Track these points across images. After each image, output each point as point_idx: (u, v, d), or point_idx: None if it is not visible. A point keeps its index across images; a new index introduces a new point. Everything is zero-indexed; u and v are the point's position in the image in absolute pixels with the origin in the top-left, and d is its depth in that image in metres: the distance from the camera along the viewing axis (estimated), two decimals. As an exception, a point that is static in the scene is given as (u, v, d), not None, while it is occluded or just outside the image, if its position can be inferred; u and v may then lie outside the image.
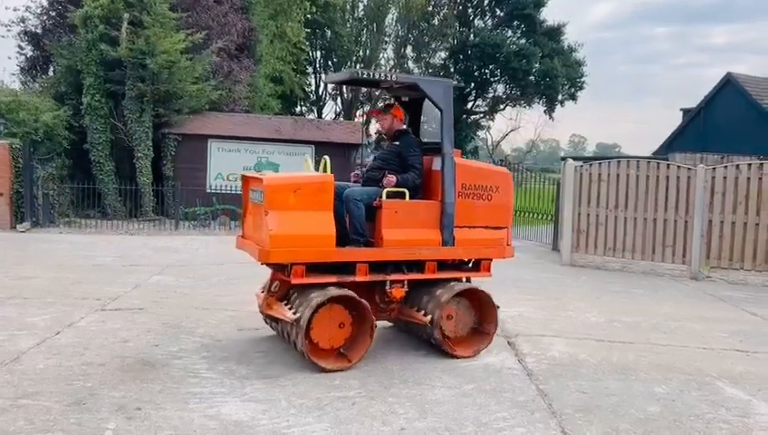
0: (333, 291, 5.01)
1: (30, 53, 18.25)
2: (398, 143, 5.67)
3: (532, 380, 5.07)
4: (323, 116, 36.02)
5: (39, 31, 17.83)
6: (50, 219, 14.15)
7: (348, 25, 35.11)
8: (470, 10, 39.56)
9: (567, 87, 38.55)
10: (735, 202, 10.00)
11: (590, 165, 11.40)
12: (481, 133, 45.91)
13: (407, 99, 6.27)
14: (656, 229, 10.61)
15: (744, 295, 9.15)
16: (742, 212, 9.97)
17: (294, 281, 5.02)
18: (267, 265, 5.30)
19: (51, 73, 18.08)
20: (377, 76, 5.49)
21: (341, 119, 33.73)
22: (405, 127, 5.92)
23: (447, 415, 4.26)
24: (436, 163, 5.59)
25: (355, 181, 5.88)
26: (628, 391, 4.89)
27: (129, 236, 13.37)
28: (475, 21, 39.77)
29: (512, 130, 46.34)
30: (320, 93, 36.78)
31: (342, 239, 5.18)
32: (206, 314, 6.77)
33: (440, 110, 5.51)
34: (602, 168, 11.11)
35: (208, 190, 16.54)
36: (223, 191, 16.24)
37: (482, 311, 5.75)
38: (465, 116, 41.25)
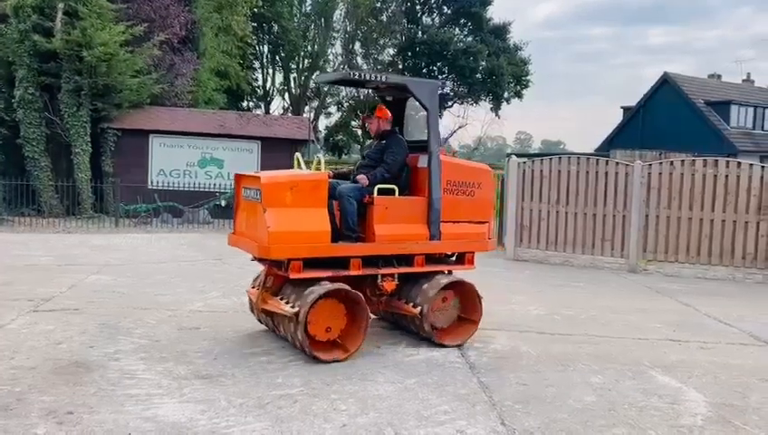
0: (330, 285, 5.16)
1: (-43, 43, 17.35)
2: (384, 142, 5.90)
3: (473, 373, 5.13)
4: (271, 111, 35.62)
5: (-32, 20, 16.97)
6: (-20, 217, 13.53)
7: (295, 20, 34.81)
8: (418, 7, 39.80)
9: (513, 85, 39.25)
10: (670, 197, 10.37)
11: (533, 161, 11.63)
12: (429, 130, 46.19)
13: (390, 98, 6.42)
14: (595, 224, 10.91)
15: (679, 287, 9.51)
16: (676, 207, 10.35)
17: (293, 276, 5.15)
18: (261, 261, 5.47)
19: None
20: (367, 77, 5.67)
21: (289, 114, 33.40)
22: (391, 127, 6.09)
23: (390, 410, 4.27)
24: (423, 161, 5.81)
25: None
26: (566, 382, 5.00)
27: (66, 234, 12.91)
28: (423, 18, 40.03)
29: (459, 127, 46.69)
30: (267, 88, 36.36)
31: (335, 235, 5.31)
32: (146, 313, 6.59)
33: (427, 109, 5.73)
34: (544, 164, 11.35)
35: (150, 187, 16.11)
36: (165, 188, 15.83)
37: (467, 301, 5.98)
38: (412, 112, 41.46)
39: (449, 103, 42.20)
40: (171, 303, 7.08)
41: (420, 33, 37.59)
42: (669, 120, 32.39)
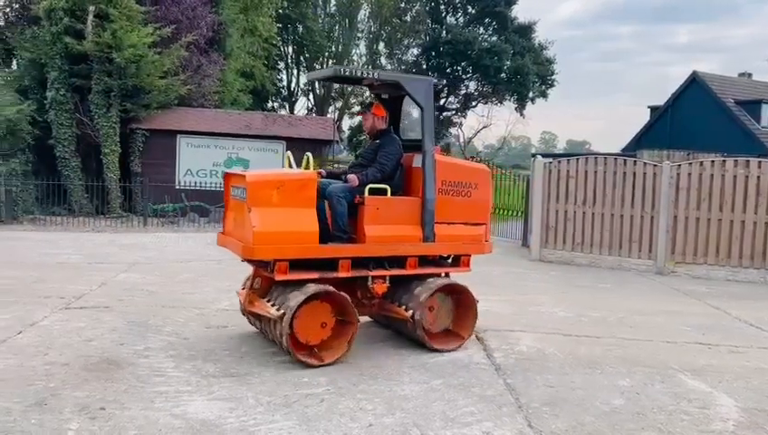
0: (314, 287, 5.03)
1: (-9, 46, 17.78)
2: (378, 141, 5.74)
3: (499, 374, 5.11)
4: (295, 112, 35.83)
5: (1, 23, 17.38)
6: (13, 216, 13.84)
7: (320, 21, 34.96)
8: (442, 7, 39.72)
9: (538, 84, 38.99)
10: (699, 198, 10.21)
11: (559, 162, 11.54)
12: (453, 130, 46.12)
13: (387, 96, 6.28)
14: (623, 225, 10.78)
15: (708, 290, 9.35)
16: (705, 208, 10.18)
17: (278, 277, 5.03)
18: (249, 261, 5.32)
19: (14, 67, 17.63)
20: (359, 74, 5.56)
21: (314, 115, 33.57)
22: (386, 126, 5.93)
23: (415, 410, 4.28)
24: (417, 160, 5.65)
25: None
26: (593, 385, 4.96)
27: (95, 233, 13.14)
28: (448, 18, 39.94)
29: (483, 127, 46.58)
30: (292, 89, 36.58)
31: (324, 236, 5.21)
32: (174, 311, 6.68)
33: (421, 107, 5.58)
34: (571, 164, 11.25)
35: (177, 187, 16.32)
36: (192, 188, 16.03)
37: (462, 305, 5.82)
38: (437, 113, 41.41)
39: (473, 103, 42.08)
40: (199, 301, 7.17)
41: (444, 32, 37.50)
42: (698, 119, 31.86)
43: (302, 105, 38.41)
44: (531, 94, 39.36)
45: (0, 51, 17.63)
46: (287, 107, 36.65)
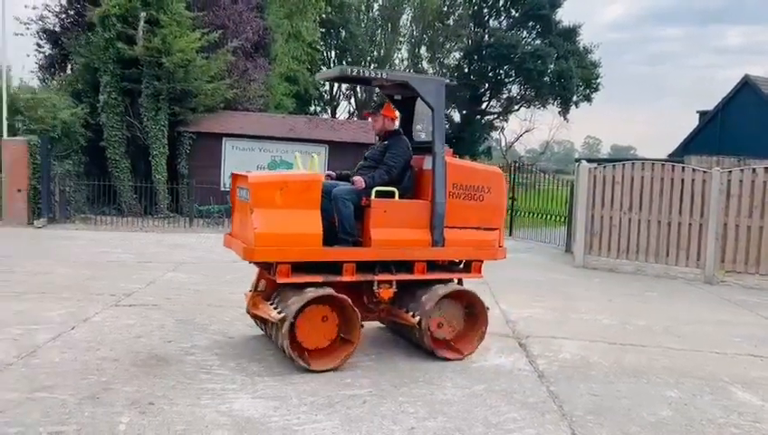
0: (316, 292, 4.94)
1: (48, 51, 18.41)
2: (386, 143, 5.63)
3: (542, 381, 5.07)
4: (337, 116, 36.12)
5: (57, 29, 17.98)
6: (66, 215, 14.31)
7: (362, 25, 35.18)
8: (485, 10, 39.52)
9: (582, 88, 38.41)
10: (751, 206, 9.90)
11: (604, 167, 11.34)
12: (495, 134, 45.83)
13: (399, 97, 6.16)
14: (670, 232, 10.53)
15: (759, 300, 9.06)
16: (758, 216, 9.87)
17: (279, 280, 4.97)
18: (256, 264, 5.31)
19: (69, 71, 18.24)
20: (366, 74, 5.40)
21: (355, 118, 33.78)
22: (396, 127, 5.83)
23: (458, 415, 4.27)
24: (428, 162, 5.51)
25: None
26: (639, 395, 4.87)
27: (143, 233, 13.48)
28: (490, 21, 39.73)
29: (526, 131, 46.17)
30: (333, 93, 36.89)
31: (331, 238, 5.13)
32: (219, 311, 6.82)
33: (431, 108, 5.42)
34: (616, 170, 11.05)
35: (223, 188, 16.62)
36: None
37: (472, 312, 5.67)
38: (478, 117, 41.20)
39: (516, 107, 41.70)
40: (243, 300, 7.27)
41: (487, 36, 37.31)
42: (749, 124, 30.85)
43: (343, 109, 38.63)
44: (575, 98, 38.81)
45: (56, 56, 18.27)
46: (329, 111, 36.99)
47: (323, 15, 28.15)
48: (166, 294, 7.45)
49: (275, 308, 5.10)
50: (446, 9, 37.61)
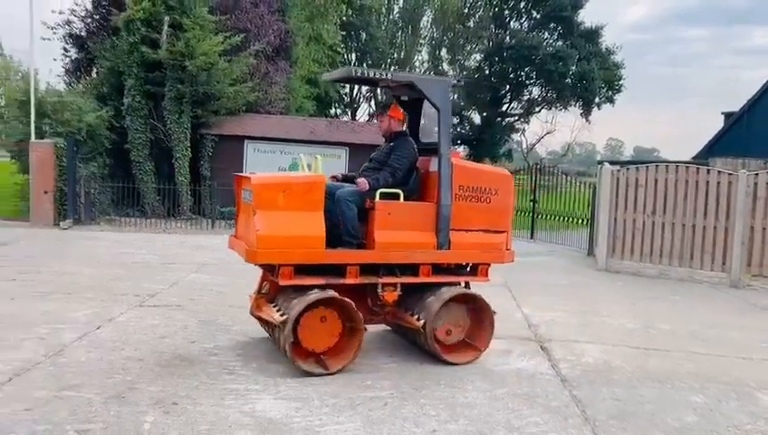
0: (316, 295, 4.89)
1: (74, 55, 18.72)
2: (392, 144, 5.58)
3: (565, 385, 5.03)
4: (357, 118, 36.21)
5: (83, 33, 18.27)
6: (91, 217, 14.53)
7: (383, 28, 35.27)
8: (506, 12, 39.39)
9: (604, 90, 38.08)
10: (779, 209, 9.74)
11: (628, 169, 11.23)
12: (515, 136, 45.60)
13: (406, 98, 6.13)
14: (694, 235, 10.39)
15: (787, 305, 8.90)
16: (785, 219, 9.70)
17: (282, 282, 4.95)
18: (261, 266, 5.29)
19: (94, 75, 18.51)
20: (372, 75, 5.34)
21: (375, 121, 33.83)
22: (403, 129, 5.77)
23: (479, 418, 4.26)
24: (434, 164, 5.45)
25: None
26: (663, 400, 4.82)
27: (166, 234, 13.64)
28: (511, 23, 39.58)
29: (547, 133, 45.85)
30: (354, 95, 37.00)
31: (337, 240, 5.10)
32: (242, 311, 6.85)
33: (437, 109, 5.37)
34: (640, 172, 10.94)
35: (244, 190, 16.73)
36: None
37: (478, 316, 5.57)
38: (499, 119, 41.04)
39: (537, 109, 41.46)
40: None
41: (508, 38, 37.16)
42: (776, 126, 30.30)
43: (363, 111, 38.73)
44: (597, 100, 38.51)
45: (82, 60, 18.57)
46: (349, 113, 37.10)
47: (344, 18, 28.27)
48: (189, 295, 7.53)
49: (278, 310, 5.08)
50: (466, 11, 37.56)
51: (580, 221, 14.10)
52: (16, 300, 6.89)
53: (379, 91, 34.60)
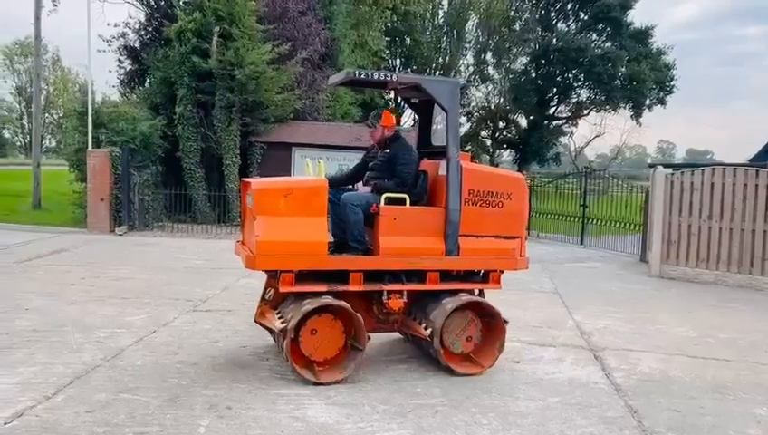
0: (318, 300, 4.79)
1: (129, 67, 19.33)
2: (388, 151, 5.48)
3: (620, 395, 4.90)
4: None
5: (137, 45, 18.86)
6: (145, 223, 14.94)
7: (427, 33, 35.26)
8: (553, 14, 38.88)
9: (655, 91, 37.11)
10: None
11: (682, 173, 10.91)
12: (563, 139, 44.85)
13: (416, 100, 5.97)
14: (754, 241, 10.00)
15: None
16: None
17: (282, 289, 4.86)
18: (266, 272, 5.24)
19: (147, 85, 19.09)
20: (376, 77, 5.22)
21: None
22: (394, 132, 5.63)
23: (532, 428, 4.19)
24: (443, 168, 5.28)
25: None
26: (724, 412, 4.64)
27: (217, 240, 13.91)
28: (558, 25, 39.03)
29: (596, 136, 45.01)
30: (398, 101, 37.05)
31: (343, 245, 5.05)
32: (291, 317, 6.94)
33: (445, 111, 5.22)
34: (695, 176, 10.60)
35: (291, 197, 16.93)
36: (305, 198, 16.52)
37: (488, 324, 5.39)
38: (546, 122, 40.48)
39: (585, 112, 40.71)
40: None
41: (555, 40, 36.61)
42: (841, 126, 28.99)
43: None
44: (647, 101, 37.58)
45: (136, 71, 19.18)
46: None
47: (389, 24, 28.38)
48: (240, 300, 7.65)
49: (280, 318, 5.02)
50: (512, 14, 37.20)
51: (632, 226, 13.75)
52: (76, 304, 7.13)
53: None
